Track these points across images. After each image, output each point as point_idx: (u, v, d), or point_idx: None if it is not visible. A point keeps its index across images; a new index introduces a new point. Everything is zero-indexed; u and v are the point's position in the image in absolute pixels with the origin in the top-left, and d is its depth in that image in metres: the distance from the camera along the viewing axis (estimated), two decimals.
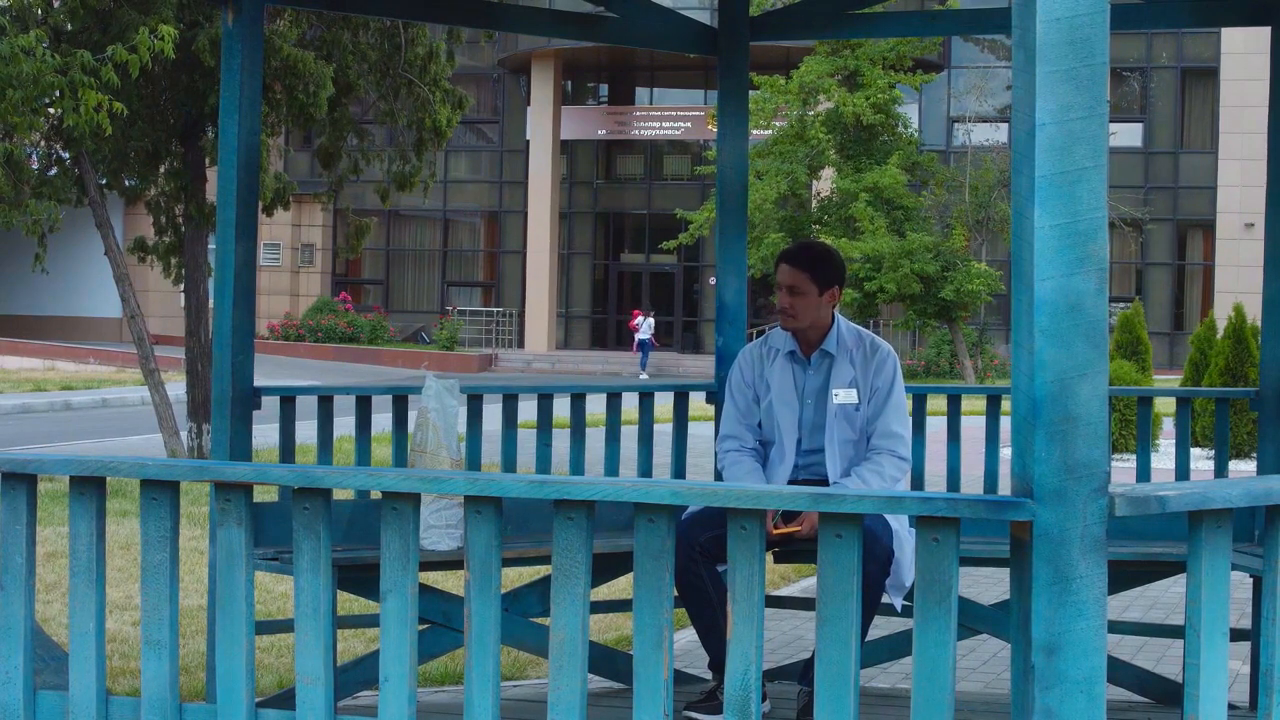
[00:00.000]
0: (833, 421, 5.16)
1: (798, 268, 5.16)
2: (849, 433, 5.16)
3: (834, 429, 5.16)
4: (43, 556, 8.54)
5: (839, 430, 5.16)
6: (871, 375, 5.16)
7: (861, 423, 5.16)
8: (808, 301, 5.15)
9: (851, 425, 5.16)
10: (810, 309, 5.16)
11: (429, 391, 5.11)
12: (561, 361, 40.01)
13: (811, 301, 5.15)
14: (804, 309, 5.16)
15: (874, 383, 5.15)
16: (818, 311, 5.17)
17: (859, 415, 5.16)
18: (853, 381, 5.16)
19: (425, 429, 5.07)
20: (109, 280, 17.88)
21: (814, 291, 5.14)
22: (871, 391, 5.15)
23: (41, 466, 3.51)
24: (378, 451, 8.76)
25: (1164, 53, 40.36)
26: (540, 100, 42.27)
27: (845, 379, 5.16)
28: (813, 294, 5.15)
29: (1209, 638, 3.06)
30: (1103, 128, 2.91)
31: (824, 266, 5.17)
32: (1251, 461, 14.19)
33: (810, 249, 5.27)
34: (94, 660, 3.47)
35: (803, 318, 5.18)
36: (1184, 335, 35.88)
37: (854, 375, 5.16)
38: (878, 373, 5.15)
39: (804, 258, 5.20)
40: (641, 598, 3.15)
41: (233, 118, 5.08)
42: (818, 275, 5.15)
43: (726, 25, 6.23)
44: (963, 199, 33.93)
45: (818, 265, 5.17)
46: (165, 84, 14.22)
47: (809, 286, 5.14)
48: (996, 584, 8.28)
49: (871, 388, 5.15)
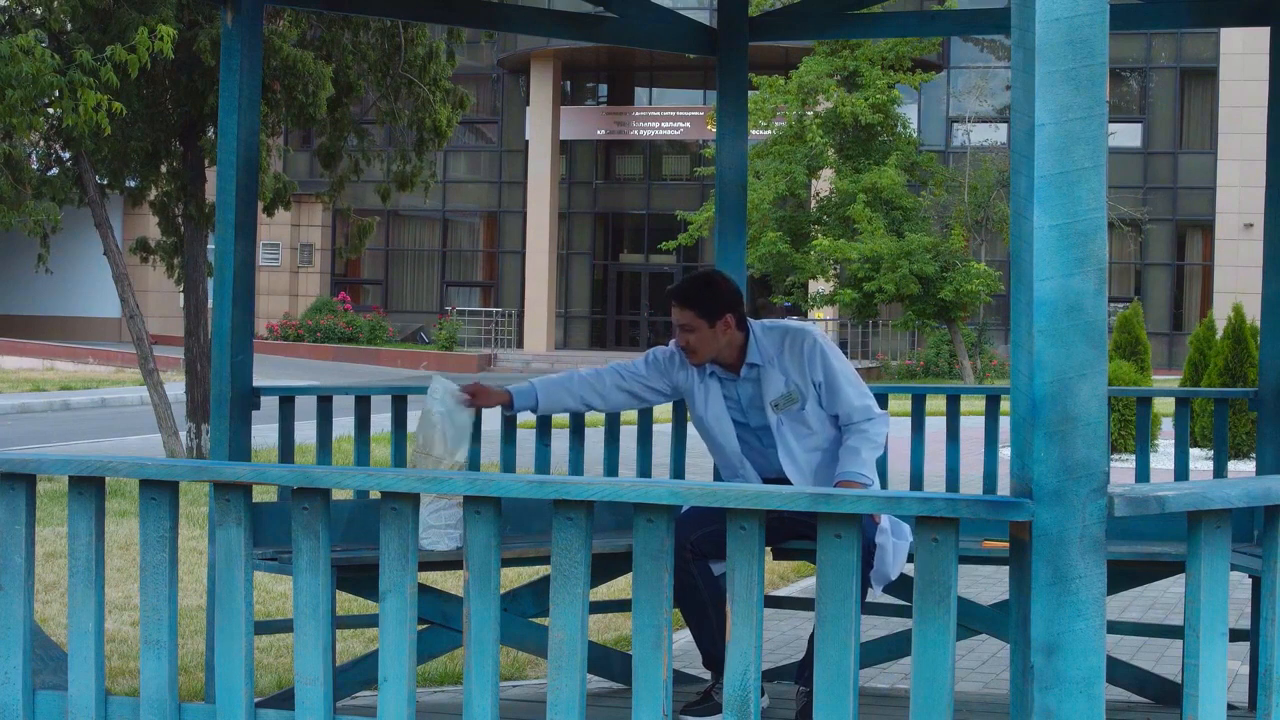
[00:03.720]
0: (780, 432, 5.07)
1: (682, 306, 5.09)
2: (805, 433, 5.07)
3: (788, 440, 5.07)
4: (42, 556, 8.54)
5: (795, 439, 5.07)
6: (806, 369, 5.06)
7: (820, 418, 5.07)
8: (701, 336, 5.08)
9: (805, 425, 5.07)
10: (708, 342, 5.09)
11: (435, 393, 5.07)
12: (560, 362, 39.98)
13: (706, 336, 5.08)
14: (701, 344, 5.09)
15: (811, 375, 5.06)
16: (716, 341, 5.08)
17: (807, 414, 5.06)
18: (788, 384, 5.06)
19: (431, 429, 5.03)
20: (108, 280, 17.88)
21: (704, 325, 5.07)
22: (814, 385, 5.06)
23: (40, 466, 3.51)
24: (377, 451, 8.77)
25: (1163, 53, 40.36)
26: (539, 100, 42.24)
27: (779, 386, 5.07)
28: (704, 328, 5.07)
29: (1208, 638, 3.06)
30: (1102, 128, 2.91)
31: (706, 300, 5.08)
32: (1250, 462, 14.18)
33: (690, 284, 5.16)
34: (93, 660, 3.48)
35: (703, 351, 5.11)
36: (1183, 335, 35.87)
37: (786, 379, 5.07)
38: (809, 364, 5.05)
39: (685, 295, 5.10)
40: (640, 598, 3.15)
41: (232, 118, 5.09)
42: (702, 309, 5.07)
43: (726, 25, 6.24)
44: (962, 199, 33.91)
45: (700, 300, 5.08)
46: (165, 84, 14.22)
47: (697, 322, 5.07)
48: (996, 584, 8.29)
49: (811, 381, 5.06)
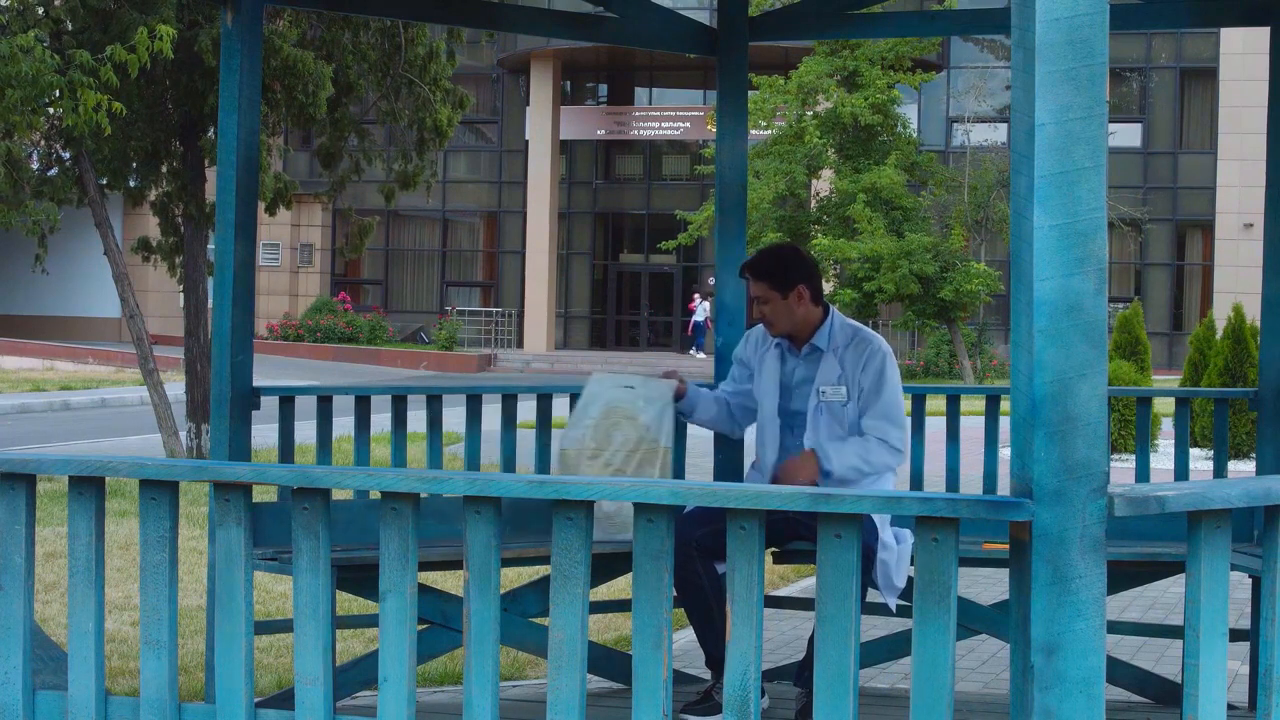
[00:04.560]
0: (815, 417, 5.14)
1: (757, 278, 5.21)
2: (837, 429, 5.13)
3: (818, 424, 5.14)
4: (42, 556, 8.54)
5: (824, 426, 5.13)
6: (859, 372, 5.13)
7: (852, 419, 5.12)
8: (776, 308, 5.18)
9: (840, 422, 5.12)
10: (783, 314, 5.18)
11: (601, 384, 5.17)
12: (560, 361, 39.99)
13: (780, 307, 5.17)
14: (777, 315, 5.19)
15: (860, 380, 5.12)
16: (793, 314, 5.17)
17: (846, 411, 5.12)
18: (840, 379, 5.14)
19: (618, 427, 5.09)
20: (108, 280, 17.88)
21: (777, 297, 5.16)
22: (860, 389, 5.12)
23: (40, 466, 3.51)
24: (377, 451, 8.76)
25: (1163, 53, 40.35)
26: (539, 100, 42.23)
27: (832, 376, 5.15)
28: (777, 300, 5.17)
29: (1208, 638, 3.06)
30: (1102, 128, 2.91)
31: (780, 271, 5.18)
32: (1250, 462, 14.18)
33: (764, 257, 5.27)
34: (93, 660, 3.47)
35: (780, 324, 5.20)
36: (1183, 335, 35.86)
37: (841, 373, 5.14)
38: (865, 369, 5.12)
39: (760, 268, 5.22)
40: (640, 598, 3.15)
41: (232, 118, 5.08)
42: (776, 281, 5.16)
43: (726, 25, 6.23)
44: (962, 199, 33.91)
45: (774, 272, 5.18)
46: (166, 84, 14.22)
47: (770, 294, 5.17)
48: (996, 584, 8.28)
49: (859, 385, 5.12)
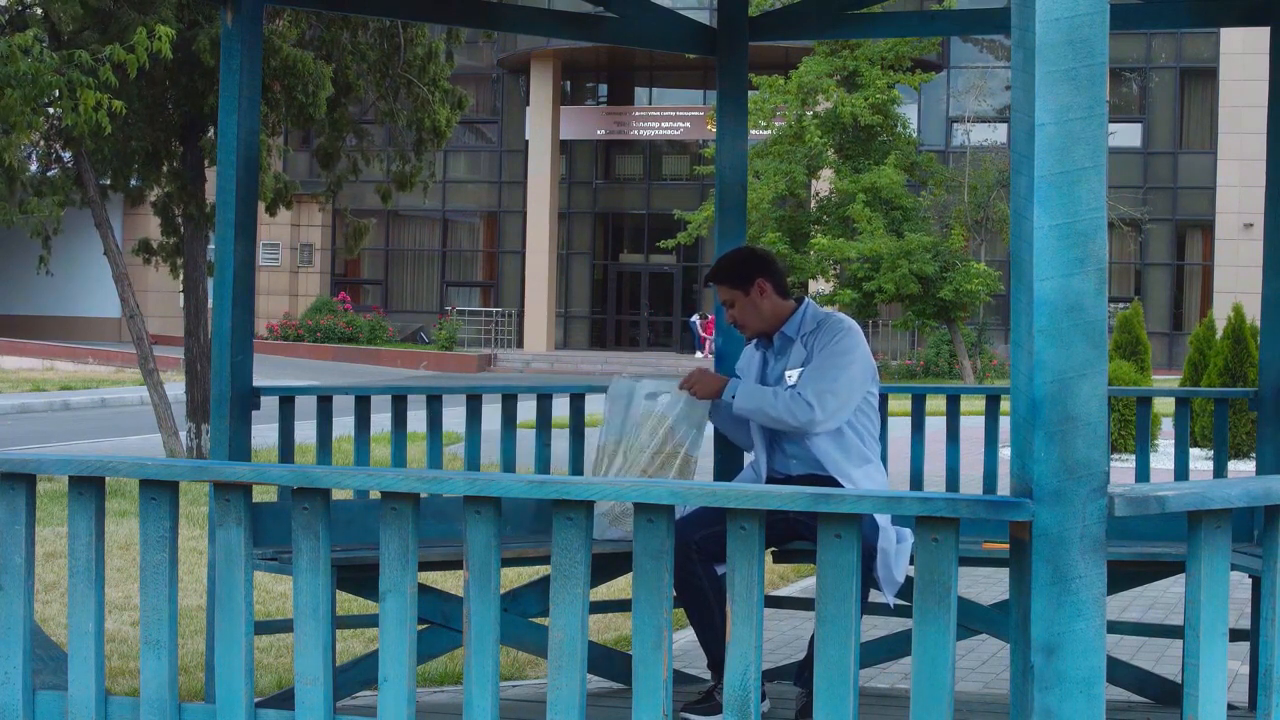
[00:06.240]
0: None
1: (719, 283, 5.26)
2: None
3: None
4: (42, 556, 8.54)
5: None
6: (818, 343, 5.10)
7: None
8: (743, 308, 5.21)
9: None
10: (751, 312, 5.21)
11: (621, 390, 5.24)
12: (560, 361, 40.00)
13: (745, 305, 5.21)
14: (745, 316, 5.22)
15: (816, 348, 5.10)
16: (759, 309, 5.20)
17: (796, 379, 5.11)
18: (805, 361, 5.11)
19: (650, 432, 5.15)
20: (108, 280, 17.88)
21: (740, 295, 5.20)
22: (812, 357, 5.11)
23: (40, 466, 3.51)
24: (377, 451, 8.77)
25: (1163, 53, 40.36)
26: (539, 100, 42.23)
27: (799, 360, 5.14)
28: (740, 298, 5.20)
29: (1208, 638, 3.06)
30: (1102, 128, 2.91)
31: (737, 269, 5.23)
32: (1250, 462, 14.18)
33: (720, 261, 5.34)
34: (93, 660, 3.47)
35: (751, 323, 5.24)
36: (1183, 335, 35.87)
37: (806, 355, 5.12)
38: (822, 339, 5.09)
39: (719, 272, 5.28)
40: (640, 598, 3.15)
41: (232, 118, 5.08)
42: (736, 280, 5.21)
43: (725, 25, 6.23)
44: (961, 199, 33.91)
45: (732, 272, 5.23)
46: (165, 84, 14.22)
47: (733, 294, 5.21)
48: (996, 584, 8.28)
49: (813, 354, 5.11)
